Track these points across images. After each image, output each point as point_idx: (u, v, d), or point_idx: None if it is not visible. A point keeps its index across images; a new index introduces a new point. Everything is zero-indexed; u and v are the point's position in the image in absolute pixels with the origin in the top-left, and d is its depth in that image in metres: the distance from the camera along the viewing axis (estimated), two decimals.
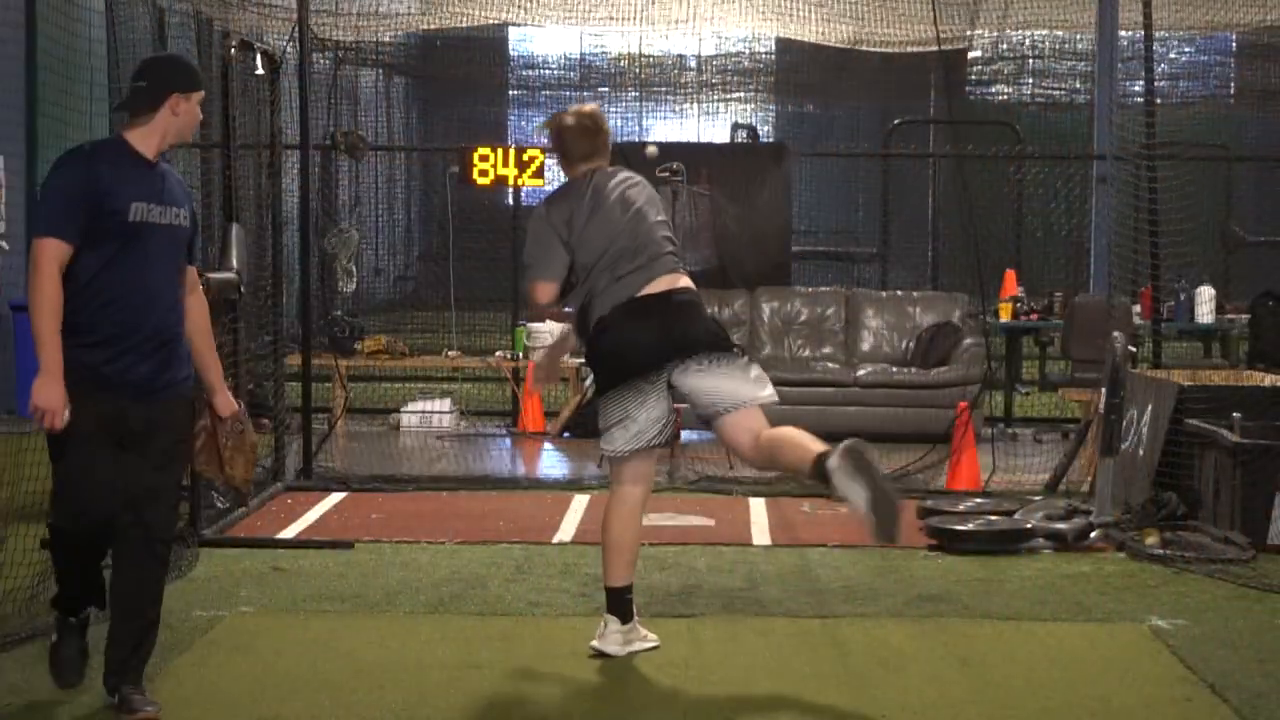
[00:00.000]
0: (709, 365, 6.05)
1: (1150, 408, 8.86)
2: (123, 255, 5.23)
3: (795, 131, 22.92)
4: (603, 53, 22.31)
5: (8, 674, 5.81)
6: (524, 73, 23.97)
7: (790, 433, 5.92)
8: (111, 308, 5.23)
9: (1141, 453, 8.86)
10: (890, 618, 6.89)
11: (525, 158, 13.24)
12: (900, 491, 6.15)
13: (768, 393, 6.10)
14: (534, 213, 6.45)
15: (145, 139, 5.33)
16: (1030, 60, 20.49)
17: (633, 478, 6.20)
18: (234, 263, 8.81)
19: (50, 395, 5.13)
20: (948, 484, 10.09)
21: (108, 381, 5.24)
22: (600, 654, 6.18)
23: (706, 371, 6.05)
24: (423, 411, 13.11)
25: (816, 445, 5.78)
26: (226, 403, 5.73)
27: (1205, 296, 12.95)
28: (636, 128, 21.73)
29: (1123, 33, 14.11)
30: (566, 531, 8.69)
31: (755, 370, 6.16)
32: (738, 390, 6.05)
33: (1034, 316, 13.18)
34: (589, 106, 6.49)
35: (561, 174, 6.45)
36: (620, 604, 6.22)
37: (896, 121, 19.44)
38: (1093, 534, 8.34)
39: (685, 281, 6.21)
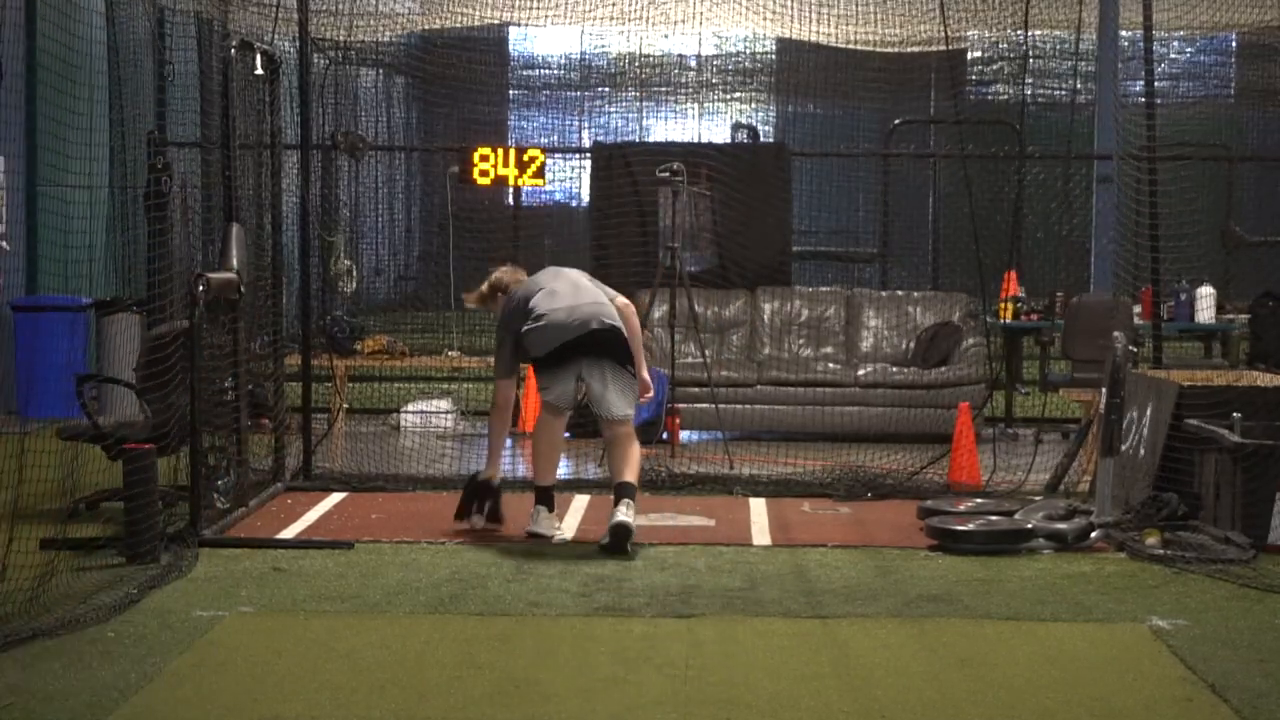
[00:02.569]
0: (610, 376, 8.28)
1: (1150, 408, 8.85)
2: None
3: (795, 131, 22.88)
4: (603, 53, 22.27)
5: (8, 674, 5.81)
6: (524, 73, 23.93)
7: (631, 454, 8.30)
8: None
9: (1142, 453, 8.85)
10: (890, 618, 6.89)
11: (525, 158, 13.24)
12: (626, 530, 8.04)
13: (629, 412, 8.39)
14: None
15: None
16: (1030, 60, 20.46)
17: (561, 414, 8.44)
18: (234, 263, 8.81)
19: None
20: (948, 484, 10.08)
21: None
22: (535, 535, 8.33)
23: (608, 381, 8.27)
24: (423, 412, 13.11)
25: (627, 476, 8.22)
26: None
27: (1205, 296, 12.94)
28: (636, 128, 21.70)
29: (1123, 33, 14.10)
30: (566, 531, 8.68)
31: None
32: (614, 403, 8.29)
33: (1034, 316, 13.18)
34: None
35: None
36: (549, 498, 8.45)
37: (897, 121, 19.43)
38: (1093, 534, 8.34)
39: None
